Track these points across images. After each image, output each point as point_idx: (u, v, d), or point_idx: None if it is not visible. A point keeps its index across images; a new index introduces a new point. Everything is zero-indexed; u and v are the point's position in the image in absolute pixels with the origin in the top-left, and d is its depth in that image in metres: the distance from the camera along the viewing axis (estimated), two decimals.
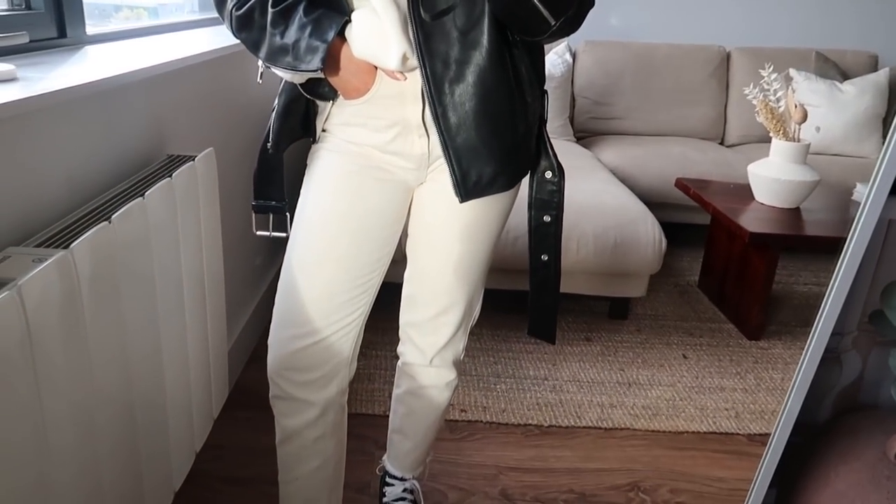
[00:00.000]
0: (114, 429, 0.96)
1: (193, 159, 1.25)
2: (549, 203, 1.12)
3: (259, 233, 1.21)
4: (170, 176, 1.14)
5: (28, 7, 1.29)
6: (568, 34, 0.97)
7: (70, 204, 1.02)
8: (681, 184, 2.64)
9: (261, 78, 1.10)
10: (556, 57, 3.22)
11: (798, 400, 0.64)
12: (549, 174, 1.11)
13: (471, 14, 0.94)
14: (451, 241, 1.11)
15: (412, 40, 0.94)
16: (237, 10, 0.97)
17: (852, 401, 0.74)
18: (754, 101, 2.35)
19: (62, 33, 1.34)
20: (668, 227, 3.12)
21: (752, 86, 2.41)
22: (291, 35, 0.95)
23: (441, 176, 1.07)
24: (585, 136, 3.38)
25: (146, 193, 1.04)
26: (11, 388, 0.71)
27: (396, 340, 1.26)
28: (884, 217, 0.58)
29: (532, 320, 1.24)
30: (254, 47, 0.99)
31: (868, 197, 0.54)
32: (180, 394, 1.23)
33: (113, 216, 0.94)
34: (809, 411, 0.77)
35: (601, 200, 2.27)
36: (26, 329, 0.73)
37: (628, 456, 1.69)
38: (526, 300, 1.25)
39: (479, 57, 0.95)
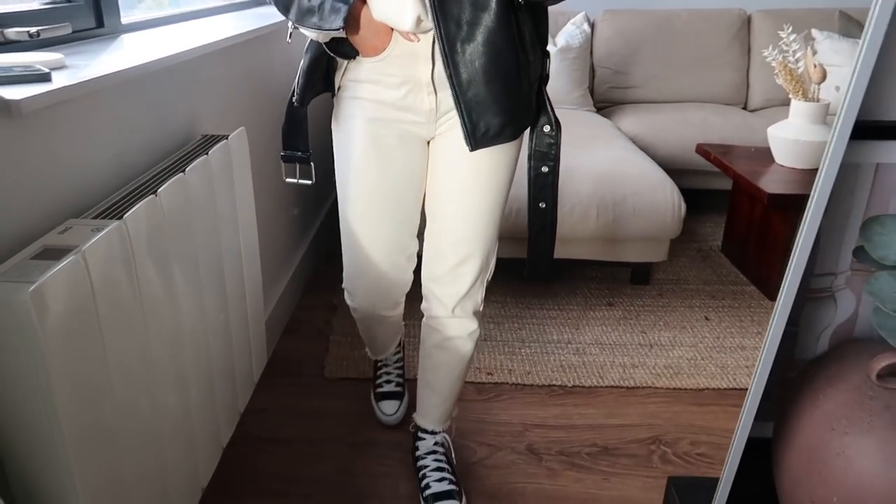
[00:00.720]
0: (168, 389, 1.06)
1: (227, 138, 1.33)
2: (547, 154, 1.24)
3: (288, 180, 1.38)
4: (206, 154, 1.22)
5: (69, 0, 1.37)
6: None
7: (120, 180, 1.11)
8: (701, 149, 2.66)
9: (290, 38, 1.21)
10: (574, 28, 3.23)
11: (777, 335, 0.70)
12: (547, 128, 1.22)
13: None
14: (465, 192, 1.22)
15: (427, 3, 1.04)
16: None
17: (848, 336, 0.79)
18: (773, 63, 2.36)
19: (100, 23, 1.42)
20: (692, 193, 3.14)
21: (770, 48, 2.41)
22: None
23: (451, 132, 1.19)
24: (606, 105, 3.40)
25: (186, 169, 1.12)
26: (86, 341, 0.80)
27: (420, 313, 1.39)
28: (848, 161, 0.63)
29: (530, 263, 1.37)
30: (284, 9, 1.12)
31: (831, 141, 0.58)
32: (224, 360, 1.33)
33: (159, 190, 1.02)
34: (807, 348, 0.82)
35: (620, 168, 2.31)
36: (91, 291, 0.82)
37: (650, 412, 1.75)
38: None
39: (487, 19, 1.05)
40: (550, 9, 1.21)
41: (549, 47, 3.08)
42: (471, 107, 1.10)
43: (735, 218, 2.64)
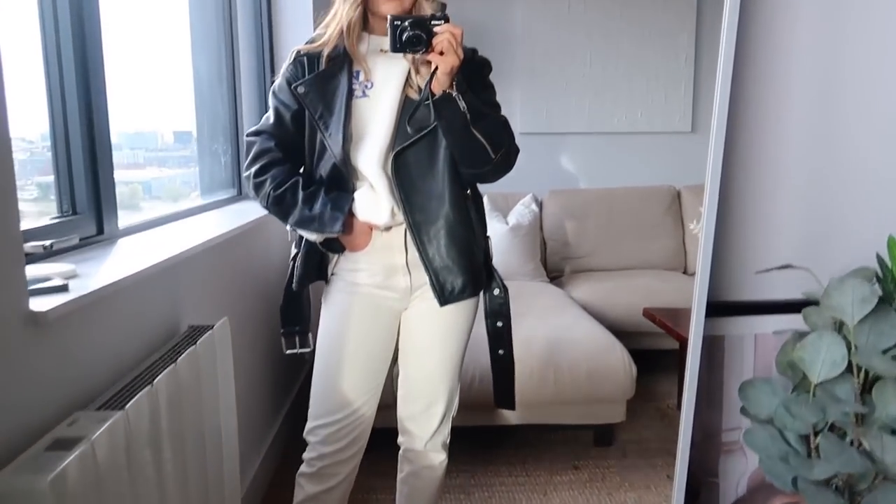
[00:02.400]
0: None
1: (212, 328, 1.47)
2: (499, 312, 1.54)
3: (288, 351, 1.58)
4: (195, 344, 1.35)
5: (74, 212, 1.56)
6: (502, 174, 1.41)
7: (118, 372, 1.22)
8: (648, 313, 2.88)
9: (290, 237, 1.51)
10: (523, 207, 3.57)
11: (681, 480, 0.82)
12: (497, 291, 1.53)
13: (433, 171, 1.38)
14: (433, 347, 1.50)
15: (397, 200, 1.37)
16: (274, 191, 1.40)
17: (761, 481, 0.92)
18: (698, 235, 2.65)
19: (100, 230, 1.61)
20: (644, 354, 3.30)
21: (695, 221, 2.72)
22: (317, 209, 1.38)
23: (423, 303, 1.48)
24: (558, 275, 3.66)
25: (178, 361, 1.25)
26: None
27: (394, 485, 1.62)
28: (710, 334, 0.79)
29: (496, 396, 1.62)
30: (283, 216, 1.41)
31: (693, 320, 0.75)
32: None
33: (155, 381, 1.14)
34: (729, 495, 0.94)
35: (573, 334, 2.49)
36: (97, 477, 0.91)
37: None
38: (515, 435, 1.64)
39: (445, 207, 1.40)
40: (503, 190, 1.62)
41: (502, 225, 3.39)
42: (438, 272, 1.43)
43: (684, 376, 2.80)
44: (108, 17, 1.61)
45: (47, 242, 1.29)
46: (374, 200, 1.40)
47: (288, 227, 1.46)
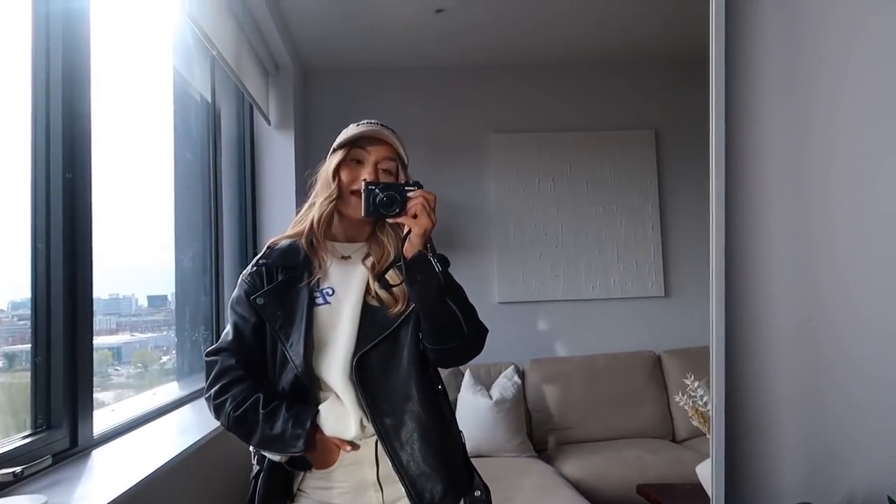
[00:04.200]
0: None
1: None
2: None
3: None
4: None
5: (48, 425, 1.49)
6: (473, 353, 1.34)
7: None
8: (642, 491, 2.77)
9: (254, 458, 1.39)
10: (505, 380, 3.52)
11: None
12: (478, 492, 1.39)
13: (398, 371, 1.32)
14: None
15: (364, 408, 1.30)
16: (234, 412, 1.30)
17: None
18: (685, 408, 2.62)
19: (74, 442, 1.53)
20: None
21: (680, 393, 2.70)
22: (278, 427, 1.28)
23: None
24: (545, 447, 3.55)
25: None
26: None
27: None
28: None
29: None
30: (245, 437, 1.31)
31: None
32: None
33: None
34: None
35: None
36: None
37: None
38: None
39: (415, 408, 1.32)
40: (485, 362, 1.49)
41: (486, 400, 3.33)
42: (414, 480, 1.30)
43: None
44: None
45: (18, 469, 1.22)
46: (341, 413, 1.32)
47: (251, 448, 1.37)
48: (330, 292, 1.37)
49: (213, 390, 1.33)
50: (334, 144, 1.43)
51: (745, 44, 1.47)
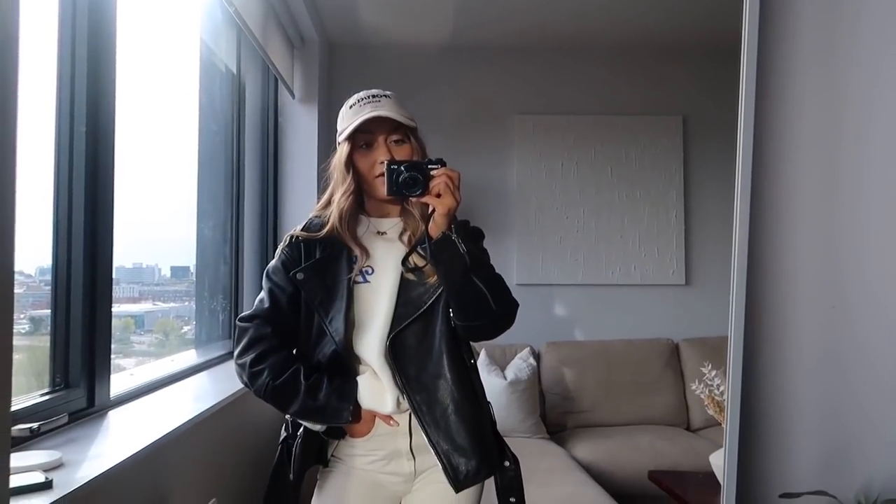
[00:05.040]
0: None
1: None
2: (511, 487, 1.41)
3: None
4: None
5: (66, 384, 1.52)
6: (503, 329, 1.34)
7: None
8: (653, 477, 2.76)
9: (286, 425, 1.42)
10: (521, 361, 3.53)
11: None
12: (507, 463, 1.41)
13: (431, 350, 1.34)
14: None
15: (400, 387, 1.32)
16: (274, 381, 1.32)
17: None
18: (702, 396, 2.60)
19: (91, 402, 1.56)
20: None
21: (697, 381, 2.68)
22: (321, 399, 1.31)
23: (427, 487, 1.38)
24: (558, 430, 3.55)
25: None
26: None
27: None
28: None
29: None
30: (282, 406, 1.33)
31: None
32: None
33: None
34: None
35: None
36: None
37: None
38: None
39: (449, 386, 1.33)
40: (500, 343, 1.49)
41: (501, 380, 3.33)
42: (449, 455, 1.32)
43: None
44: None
45: (35, 425, 1.25)
46: (378, 389, 1.34)
47: (287, 417, 1.39)
48: (370, 271, 1.38)
49: (248, 358, 1.34)
50: (338, 133, 1.41)
51: (779, 25, 1.43)
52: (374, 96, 1.38)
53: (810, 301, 1.30)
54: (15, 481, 1.00)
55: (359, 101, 1.38)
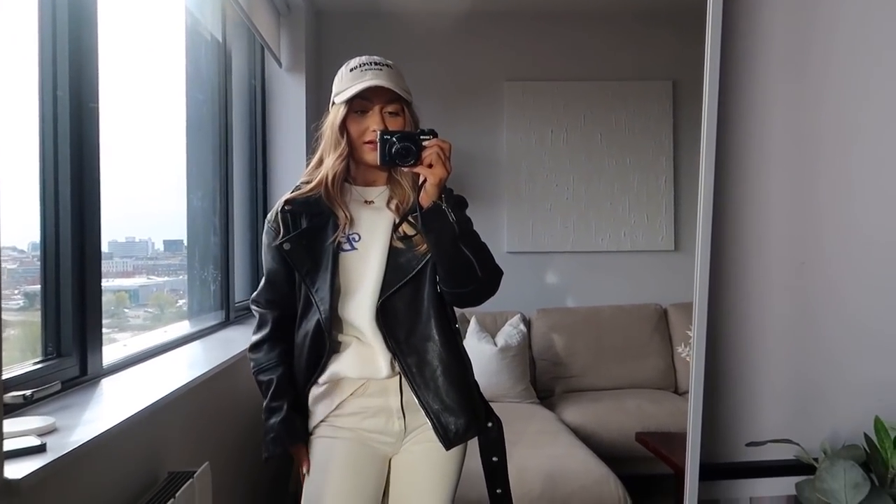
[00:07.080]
0: None
1: (192, 476, 1.42)
2: (493, 447, 1.47)
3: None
4: (174, 496, 1.30)
5: (58, 353, 1.54)
6: (487, 295, 1.39)
7: None
8: (641, 438, 2.82)
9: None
10: (511, 328, 3.56)
11: None
12: (490, 423, 1.47)
13: (420, 313, 1.38)
14: (426, 491, 1.42)
15: (392, 350, 1.36)
16: (255, 375, 1.47)
17: None
18: (687, 359, 2.64)
19: (83, 371, 1.58)
20: (639, 480, 3.20)
21: (683, 345, 2.73)
22: (272, 424, 1.42)
23: (416, 446, 1.43)
24: (548, 395, 3.61)
25: None
26: None
27: None
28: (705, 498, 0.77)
29: None
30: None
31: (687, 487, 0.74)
32: None
33: None
34: None
35: (566, 465, 2.43)
36: None
37: None
38: None
39: (437, 349, 1.38)
40: (491, 310, 1.57)
41: (491, 346, 3.37)
42: (438, 414, 1.38)
43: None
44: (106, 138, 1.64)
45: (28, 392, 1.27)
46: (369, 355, 1.39)
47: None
48: (356, 238, 1.41)
49: (251, 341, 1.50)
50: (334, 94, 1.41)
51: None
52: (376, 63, 1.39)
53: (780, 258, 1.33)
54: (9, 445, 1.02)
55: (360, 65, 1.39)
